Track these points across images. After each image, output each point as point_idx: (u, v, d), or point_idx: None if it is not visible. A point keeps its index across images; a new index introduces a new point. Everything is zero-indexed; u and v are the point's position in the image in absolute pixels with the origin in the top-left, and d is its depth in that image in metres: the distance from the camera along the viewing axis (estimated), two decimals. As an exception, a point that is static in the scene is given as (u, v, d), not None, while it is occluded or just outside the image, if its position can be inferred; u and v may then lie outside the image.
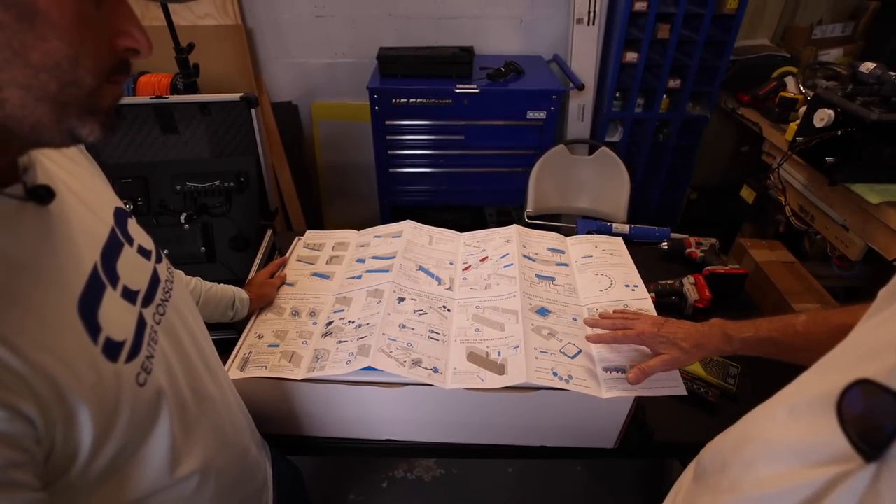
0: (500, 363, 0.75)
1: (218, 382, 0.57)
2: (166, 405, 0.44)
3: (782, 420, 0.43)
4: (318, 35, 2.06)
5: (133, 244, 0.49)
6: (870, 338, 0.39)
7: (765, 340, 0.64)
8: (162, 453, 0.44)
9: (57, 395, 0.34)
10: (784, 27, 2.14)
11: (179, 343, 0.50)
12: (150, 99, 1.13)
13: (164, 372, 0.45)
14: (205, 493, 0.50)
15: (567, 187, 1.92)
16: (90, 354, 0.37)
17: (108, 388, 0.38)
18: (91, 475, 0.38)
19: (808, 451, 0.38)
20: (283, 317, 0.88)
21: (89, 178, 0.48)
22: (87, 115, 0.35)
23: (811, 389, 0.42)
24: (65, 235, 0.40)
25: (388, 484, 1.52)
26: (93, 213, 0.45)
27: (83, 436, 0.36)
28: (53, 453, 0.34)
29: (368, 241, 1.04)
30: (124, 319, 0.42)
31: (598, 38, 1.96)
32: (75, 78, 0.33)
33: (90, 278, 0.40)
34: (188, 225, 1.08)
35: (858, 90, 1.30)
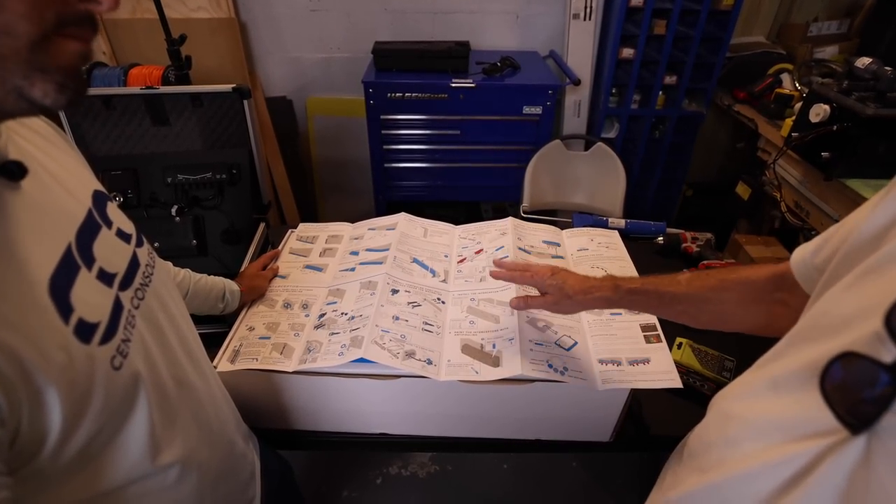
0: (495, 355, 0.74)
1: (201, 372, 0.56)
2: (144, 391, 0.43)
3: (765, 395, 0.43)
4: (313, 29, 2.04)
5: (112, 227, 0.47)
6: (837, 307, 0.39)
7: (650, 292, 0.64)
8: (140, 441, 0.43)
9: (22, 374, 0.33)
10: (780, 24, 2.14)
11: (159, 329, 0.49)
12: (140, 89, 1.11)
13: (141, 357, 0.44)
14: (186, 485, 0.49)
15: (563, 183, 1.91)
16: (60, 334, 0.36)
17: (79, 370, 0.37)
18: (62, 460, 0.37)
19: (792, 425, 0.38)
20: (275, 309, 0.86)
21: (66, 159, 0.47)
22: (36, 73, 0.31)
23: (789, 363, 0.42)
24: (37, 213, 0.38)
25: (383, 480, 1.51)
26: (69, 193, 0.43)
27: (52, 418, 0.35)
28: (19, 436, 0.33)
29: (362, 234, 1.03)
30: (99, 301, 0.41)
31: (594, 34, 1.95)
32: (4, 24, 0.29)
33: (63, 258, 0.39)
34: (179, 218, 1.06)
35: (854, 86, 1.30)
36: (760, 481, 0.39)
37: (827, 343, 0.37)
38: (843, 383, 0.33)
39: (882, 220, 0.39)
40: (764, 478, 0.39)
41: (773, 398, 0.42)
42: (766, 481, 0.39)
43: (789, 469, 0.37)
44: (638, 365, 0.75)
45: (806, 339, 0.41)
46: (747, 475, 0.41)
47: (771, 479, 0.38)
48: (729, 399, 0.50)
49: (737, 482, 0.42)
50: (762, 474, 0.39)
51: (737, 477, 0.42)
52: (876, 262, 0.37)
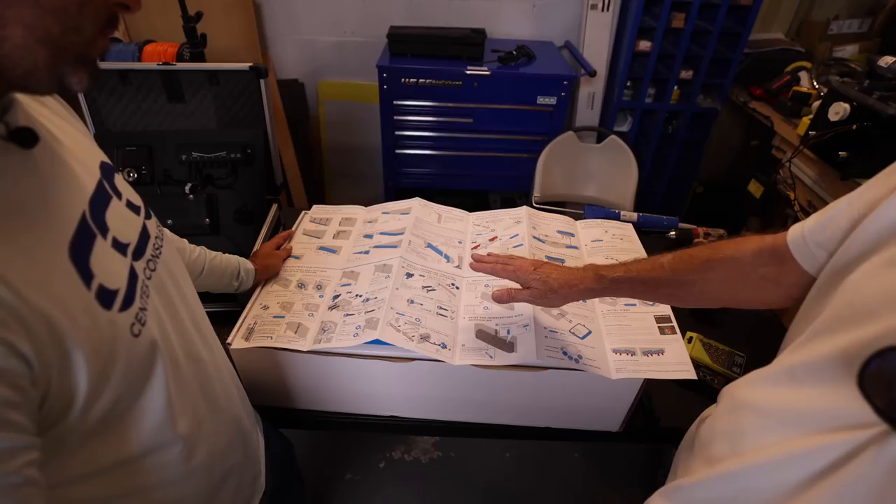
0: (510, 341, 0.74)
1: (209, 347, 0.56)
2: (161, 358, 0.44)
3: (784, 385, 0.43)
4: (328, 12, 2.02)
5: (122, 198, 0.48)
6: (863, 295, 0.38)
7: (634, 279, 0.64)
8: (159, 407, 0.44)
9: (52, 336, 0.33)
10: (800, 22, 2.11)
11: (170, 301, 0.49)
12: (157, 65, 1.11)
13: (156, 326, 0.44)
14: (196, 458, 0.50)
15: (574, 175, 1.90)
16: (84, 299, 0.37)
17: (103, 335, 0.37)
18: (87, 424, 0.37)
19: (820, 416, 0.38)
20: (289, 289, 0.87)
21: (73, 131, 0.47)
22: (80, 64, 0.35)
23: (812, 353, 0.41)
24: (51, 181, 0.39)
25: (386, 464, 1.52)
26: (79, 162, 0.44)
27: (79, 381, 0.35)
28: (49, 397, 0.34)
29: (376, 218, 1.02)
30: (117, 269, 0.41)
31: (611, 25, 1.93)
32: (78, 24, 0.33)
33: (80, 225, 0.39)
34: (193, 196, 1.06)
35: (875, 85, 1.29)
36: (784, 472, 0.39)
37: (854, 333, 0.36)
38: (882, 376, 0.33)
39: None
40: (789, 468, 0.39)
41: (795, 388, 0.42)
42: (791, 472, 0.38)
43: (820, 461, 0.36)
44: (652, 355, 0.75)
45: (829, 331, 0.40)
46: (769, 465, 0.41)
47: (797, 469, 0.38)
48: (742, 388, 0.49)
49: (757, 471, 0.42)
50: (787, 464, 0.39)
51: (757, 466, 0.42)
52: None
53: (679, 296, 0.62)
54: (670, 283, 0.61)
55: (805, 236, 0.50)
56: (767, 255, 0.54)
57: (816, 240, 0.48)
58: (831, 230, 0.47)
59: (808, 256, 0.50)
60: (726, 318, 1.05)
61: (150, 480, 0.45)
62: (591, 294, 0.67)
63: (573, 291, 0.66)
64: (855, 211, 0.44)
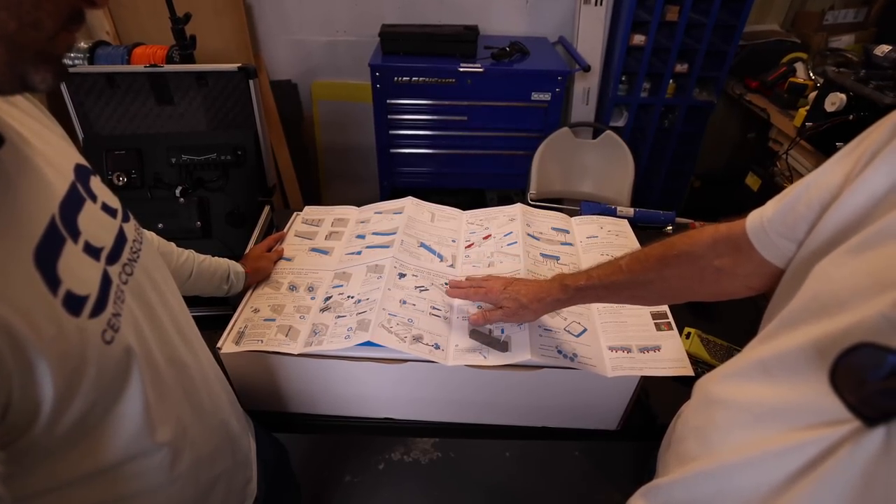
0: (504, 340, 0.73)
1: (193, 350, 0.55)
2: (137, 365, 0.42)
3: (756, 379, 0.42)
4: (319, 11, 2.01)
5: (96, 201, 0.46)
6: (831, 286, 0.37)
7: (597, 286, 0.66)
8: (136, 416, 0.43)
9: (12, 345, 0.32)
10: (795, 12, 2.10)
11: (149, 305, 0.48)
12: (144, 67, 1.10)
13: (132, 332, 0.43)
14: (182, 464, 0.49)
15: (570, 171, 1.89)
16: (49, 306, 0.35)
17: (70, 343, 0.36)
18: (58, 434, 0.36)
19: (795, 413, 0.37)
20: (281, 291, 0.85)
21: (45, 132, 0.45)
22: (42, 62, 0.34)
23: (781, 346, 0.40)
24: (17, 184, 0.37)
25: (385, 466, 1.52)
26: (50, 165, 0.42)
27: (44, 390, 0.34)
28: (10, 408, 0.33)
29: (369, 218, 1.01)
30: (87, 274, 0.40)
31: (605, 20, 1.92)
32: (36, 19, 0.32)
33: (47, 230, 0.38)
34: (183, 199, 1.05)
35: (871, 74, 1.28)
36: (763, 470, 0.38)
37: (823, 325, 0.36)
38: (852, 372, 0.32)
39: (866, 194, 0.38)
40: (766, 467, 0.38)
41: (767, 383, 0.41)
42: (769, 471, 0.38)
43: (797, 459, 0.36)
44: (648, 352, 0.74)
45: (799, 321, 0.40)
46: (746, 463, 0.40)
47: (775, 469, 0.37)
48: (715, 382, 0.49)
49: (734, 471, 0.41)
50: (764, 463, 0.38)
51: (734, 465, 0.41)
52: (870, 239, 0.35)
53: (641, 296, 0.64)
54: (630, 284, 0.62)
55: (764, 224, 0.49)
56: (723, 246, 0.54)
57: (777, 228, 0.48)
58: (792, 217, 0.46)
59: (768, 245, 0.49)
60: (724, 312, 1.04)
61: (132, 488, 0.44)
62: (560, 305, 0.69)
63: (542, 305, 0.69)
64: (813, 195, 0.44)
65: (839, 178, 0.42)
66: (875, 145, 0.40)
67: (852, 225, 0.39)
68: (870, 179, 0.39)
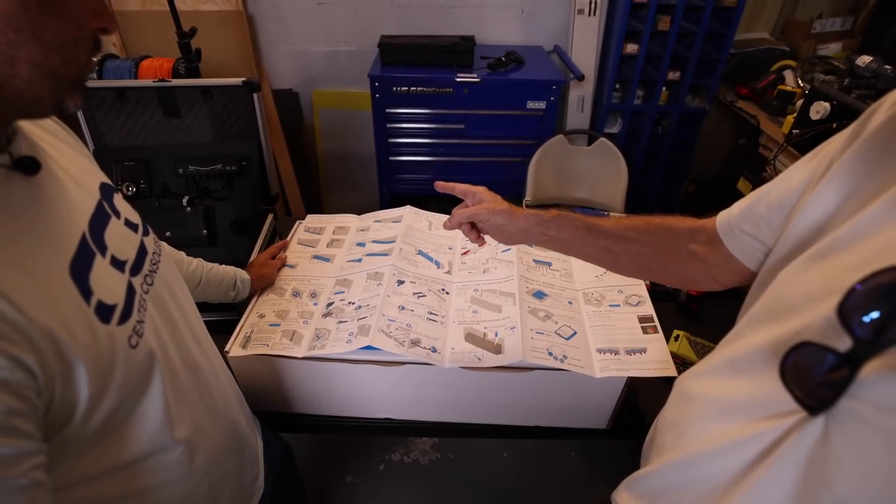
0: (497, 343, 0.77)
1: (206, 354, 0.59)
2: (158, 368, 0.46)
3: (725, 376, 0.46)
4: (320, 22, 2.05)
5: (120, 217, 0.50)
6: (789, 291, 0.42)
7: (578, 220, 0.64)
8: (157, 415, 0.46)
9: (55, 350, 0.36)
10: (784, 21, 2.15)
11: (167, 312, 0.52)
12: (153, 82, 1.14)
13: (154, 337, 0.47)
14: (197, 460, 0.53)
15: (566, 178, 1.93)
16: (84, 315, 0.39)
17: (102, 348, 0.40)
18: (89, 430, 0.40)
19: (755, 406, 0.41)
20: (285, 297, 0.89)
21: (73, 154, 0.50)
22: (76, 89, 0.39)
23: (746, 345, 0.44)
24: (52, 205, 0.41)
25: (385, 466, 1.55)
26: (79, 185, 0.46)
27: (80, 391, 0.38)
28: (53, 406, 0.36)
29: (368, 226, 1.05)
30: (114, 285, 0.44)
31: (598, 29, 1.96)
32: (74, 55, 0.37)
33: (80, 245, 0.42)
34: (190, 208, 1.09)
35: (855, 83, 1.32)
36: (728, 458, 0.42)
37: (781, 326, 0.40)
38: (797, 366, 0.36)
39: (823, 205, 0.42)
40: (731, 455, 0.42)
41: (734, 379, 0.45)
42: (733, 458, 0.42)
43: (755, 447, 0.40)
44: (635, 354, 0.77)
45: (762, 321, 0.44)
46: (714, 453, 0.44)
47: (738, 456, 0.41)
48: (690, 379, 0.53)
49: (704, 459, 0.45)
50: (729, 452, 0.42)
51: (704, 454, 0.45)
52: (823, 249, 0.39)
53: (616, 253, 0.63)
54: (609, 234, 0.62)
55: (731, 221, 0.54)
56: (700, 234, 0.59)
57: (740, 226, 0.53)
58: (753, 217, 0.51)
59: (733, 240, 0.54)
60: (711, 315, 1.08)
61: (153, 481, 0.48)
62: (536, 219, 0.65)
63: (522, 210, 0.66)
64: (773, 198, 0.48)
65: (797, 184, 0.47)
66: (831, 155, 0.44)
67: (811, 236, 0.43)
68: (824, 194, 0.43)
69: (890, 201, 0.36)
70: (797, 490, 0.36)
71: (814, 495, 0.35)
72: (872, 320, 0.32)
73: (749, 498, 0.40)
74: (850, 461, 0.33)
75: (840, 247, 0.39)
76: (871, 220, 0.37)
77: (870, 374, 0.32)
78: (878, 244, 0.36)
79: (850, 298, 0.33)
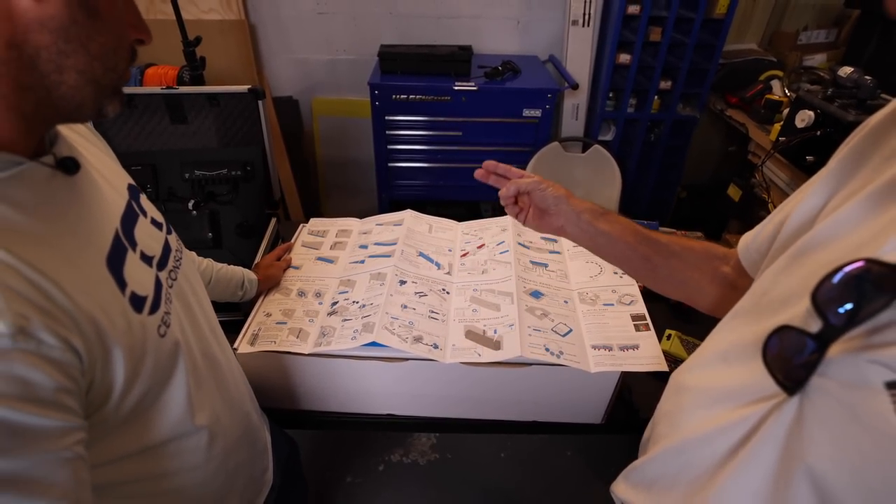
0: (496, 339, 0.80)
1: (222, 348, 0.62)
2: (182, 357, 0.49)
3: (716, 367, 0.49)
4: (320, 32, 2.10)
5: (147, 216, 0.54)
6: (776, 288, 0.45)
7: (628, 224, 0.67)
8: (180, 401, 0.49)
9: (97, 335, 0.39)
10: (771, 32, 2.21)
11: (189, 307, 0.55)
12: (161, 89, 1.17)
13: (178, 329, 0.50)
14: (215, 447, 0.55)
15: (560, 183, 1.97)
16: (120, 304, 0.42)
17: (136, 335, 0.43)
18: (121, 413, 0.43)
19: (742, 392, 0.44)
20: (290, 297, 0.92)
21: (102, 156, 0.53)
22: (115, 95, 0.43)
23: (736, 338, 0.48)
24: (89, 203, 0.45)
25: (385, 467, 1.57)
26: (110, 185, 0.50)
27: (116, 374, 0.41)
28: (93, 387, 0.39)
29: (370, 229, 1.08)
30: (145, 278, 0.47)
31: (592, 40, 2.02)
32: (115, 64, 0.40)
33: (114, 241, 0.45)
34: (196, 211, 1.12)
35: (837, 93, 1.37)
36: (716, 443, 0.45)
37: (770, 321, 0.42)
38: (780, 352, 0.39)
39: (812, 203, 0.45)
40: (719, 439, 0.45)
41: (725, 369, 0.48)
42: (720, 443, 0.45)
43: (740, 430, 0.43)
44: (628, 350, 0.81)
45: (750, 316, 0.47)
46: (703, 438, 0.47)
47: (725, 440, 0.44)
48: (683, 373, 0.56)
49: (694, 444, 0.48)
50: (717, 436, 0.45)
51: (694, 440, 0.48)
52: (803, 246, 0.42)
53: (654, 262, 0.65)
54: (653, 243, 0.64)
55: (748, 245, 0.57)
56: (732, 258, 0.62)
57: (755, 247, 0.56)
58: (764, 234, 0.54)
59: (750, 263, 0.57)
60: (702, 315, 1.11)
61: (176, 465, 0.50)
62: (591, 206, 0.68)
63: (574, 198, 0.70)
64: (783, 214, 0.51)
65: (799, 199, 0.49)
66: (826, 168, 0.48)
67: (796, 234, 0.46)
68: (812, 195, 0.46)
69: (864, 201, 0.39)
70: (777, 465, 0.39)
71: (791, 468, 0.38)
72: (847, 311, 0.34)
73: (734, 477, 0.43)
74: (820, 434, 0.36)
75: (818, 245, 0.42)
76: (846, 220, 0.40)
77: (835, 354, 0.35)
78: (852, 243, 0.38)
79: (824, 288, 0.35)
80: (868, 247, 0.37)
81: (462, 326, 0.84)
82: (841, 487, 0.35)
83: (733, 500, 0.43)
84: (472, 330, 0.83)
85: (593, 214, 0.67)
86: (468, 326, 0.83)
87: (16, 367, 0.32)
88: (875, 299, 0.33)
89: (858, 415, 0.34)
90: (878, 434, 0.33)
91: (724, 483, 0.44)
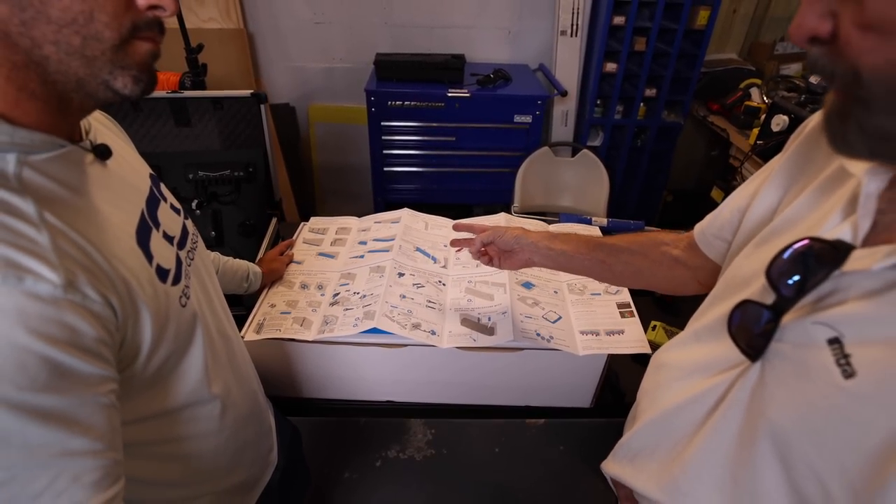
0: (490, 326, 0.85)
1: (233, 327, 0.66)
2: (200, 328, 0.53)
3: (691, 346, 0.55)
4: (317, 40, 2.16)
5: (166, 201, 0.58)
6: (741, 271, 0.51)
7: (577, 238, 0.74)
8: (198, 369, 0.53)
9: (129, 295, 0.43)
10: (750, 43, 2.31)
11: (204, 285, 0.60)
12: (166, 94, 1.22)
13: (196, 302, 0.55)
14: (226, 418, 0.59)
15: (551, 187, 2.04)
16: (148, 273, 0.46)
17: (161, 302, 0.47)
18: (147, 374, 0.47)
19: (712, 363, 0.50)
20: (293, 289, 0.96)
21: (124, 145, 0.57)
22: (118, 70, 0.39)
23: (708, 317, 0.53)
24: (119, 186, 0.49)
25: (382, 463, 1.60)
26: (134, 171, 0.54)
27: (144, 335, 0.45)
28: (124, 344, 0.43)
29: (369, 226, 1.13)
30: (167, 254, 0.52)
31: (580, 49, 2.09)
32: (94, 32, 0.37)
33: (140, 220, 0.49)
34: (199, 211, 1.16)
35: (810, 99, 1.45)
36: (690, 411, 0.50)
37: (734, 299, 0.48)
38: (742, 323, 0.44)
39: (770, 200, 0.51)
40: (692, 408, 0.50)
41: (697, 346, 0.53)
42: (694, 410, 0.50)
43: (712, 397, 0.48)
44: (614, 335, 0.86)
45: (720, 298, 0.53)
46: (679, 408, 0.52)
47: (698, 408, 0.49)
48: (662, 353, 0.61)
49: (671, 414, 0.53)
50: (691, 405, 0.50)
51: (670, 410, 0.53)
52: (765, 235, 0.49)
53: (608, 263, 0.72)
54: (604, 246, 0.72)
55: (703, 228, 0.64)
56: (682, 241, 0.69)
57: (710, 230, 0.62)
58: (719, 220, 0.60)
59: (706, 243, 0.63)
60: (686, 307, 1.17)
61: (189, 431, 0.54)
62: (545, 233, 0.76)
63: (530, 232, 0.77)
64: (734, 204, 0.58)
65: (751, 190, 0.56)
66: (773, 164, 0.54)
67: (758, 227, 0.52)
68: (766, 193, 0.52)
69: (812, 193, 0.45)
70: (743, 424, 0.44)
71: (755, 426, 0.43)
72: (795, 282, 0.40)
73: (707, 440, 0.48)
74: (778, 390, 0.42)
75: (778, 232, 0.48)
76: (799, 210, 0.46)
77: (788, 321, 0.41)
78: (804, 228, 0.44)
79: (776, 264, 0.41)
80: (813, 229, 0.43)
81: (458, 315, 0.88)
82: (795, 433, 0.40)
83: (706, 461, 0.48)
84: (468, 318, 0.87)
85: (549, 239, 0.75)
86: (464, 314, 0.88)
87: (66, 315, 0.36)
88: (818, 271, 0.39)
89: (808, 369, 0.40)
90: (821, 382, 0.38)
91: (698, 446, 0.49)
